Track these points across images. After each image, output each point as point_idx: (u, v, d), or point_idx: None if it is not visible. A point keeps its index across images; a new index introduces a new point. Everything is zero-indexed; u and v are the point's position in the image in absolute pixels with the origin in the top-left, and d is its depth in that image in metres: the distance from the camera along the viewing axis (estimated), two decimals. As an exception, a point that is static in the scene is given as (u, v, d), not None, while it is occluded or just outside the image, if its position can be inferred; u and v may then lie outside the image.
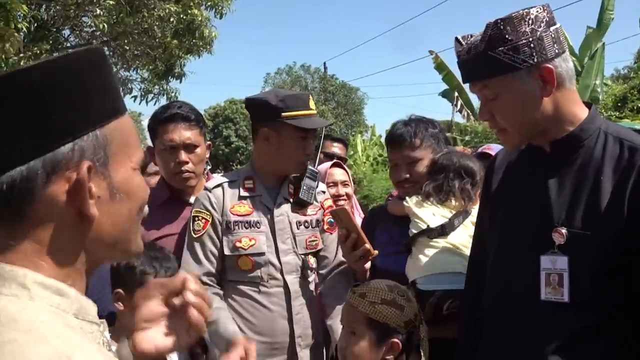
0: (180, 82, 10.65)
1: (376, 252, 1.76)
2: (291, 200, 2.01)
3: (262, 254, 1.91)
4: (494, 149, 2.46)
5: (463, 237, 1.67)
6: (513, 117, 1.29)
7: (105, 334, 0.71)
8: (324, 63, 24.30)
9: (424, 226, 1.72)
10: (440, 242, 1.69)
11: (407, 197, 1.82)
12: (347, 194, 2.74)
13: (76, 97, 0.65)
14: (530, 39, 1.24)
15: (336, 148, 3.71)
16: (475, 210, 1.69)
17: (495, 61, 1.24)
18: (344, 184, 2.77)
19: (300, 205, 2.01)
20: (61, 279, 0.66)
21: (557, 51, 1.26)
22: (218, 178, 2.08)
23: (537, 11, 1.26)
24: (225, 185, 1.98)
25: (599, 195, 1.23)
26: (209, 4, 9.56)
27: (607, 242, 1.20)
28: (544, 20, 1.25)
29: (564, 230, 1.24)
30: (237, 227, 1.92)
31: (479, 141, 10.89)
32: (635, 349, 1.21)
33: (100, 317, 0.71)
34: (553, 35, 1.26)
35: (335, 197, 2.69)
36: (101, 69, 0.70)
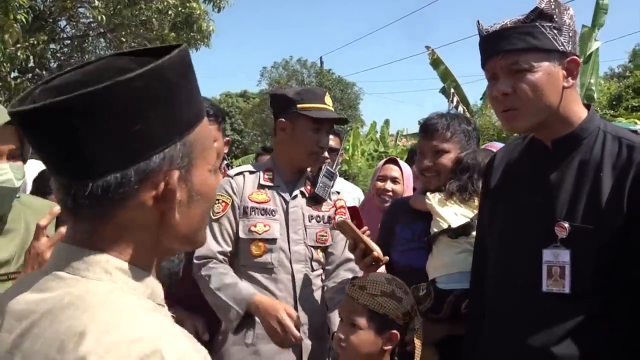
0: (178, 75, 10.62)
1: (386, 258, 1.77)
2: (307, 195, 2.09)
3: (275, 240, 1.98)
4: (496, 146, 2.51)
5: None
6: (535, 96, 1.31)
7: (170, 315, 0.74)
8: (321, 58, 24.34)
9: (445, 225, 1.73)
10: (461, 242, 1.71)
11: (428, 194, 1.83)
12: (393, 191, 2.70)
13: (170, 105, 0.66)
14: (570, 28, 1.32)
15: (330, 140, 3.74)
16: None
17: (540, 34, 1.29)
18: (395, 180, 2.74)
19: (315, 201, 2.09)
20: (138, 266, 0.70)
21: (578, 49, 1.35)
22: (240, 167, 2.18)
23: (572, 10, 1.34)
24: (247, 174, 2.08)
25: (600, 191, 1.29)
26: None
27: (607, 235, 1.26)
28: (574, 20, 1.34)
29: (566, 225, 1.29)
30: (253, 213, 2.00)
31: (475, 138, 10.94)
32: (632, 337, 1.27)
33: None
34: (577, 36, 1.35)
35: (380, 192, 2.72)
36: (189, 73, 0.70)
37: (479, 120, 13.20)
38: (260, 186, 2.05)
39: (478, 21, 1.41)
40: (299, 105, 2.02)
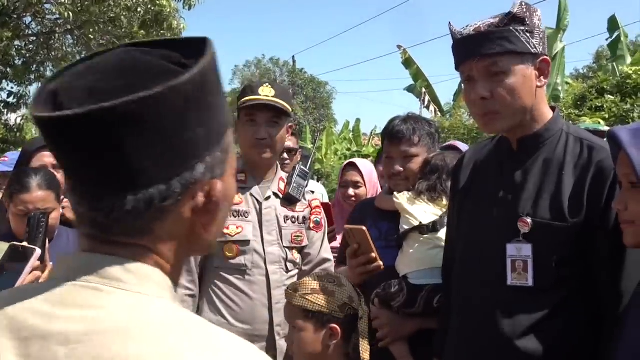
0: (148, 73, 10.48)
1: (383, 267, 1.77)
2: (281, 195, 2.08)
3: (248, 242, 1.98)
4: (459, 143, 2.55)
5: None
6: (512, 99, 1.35)
7: None
8: (293, 57, 24.29)
9: (415, 223, 1.76)
10: (431, 238, 1.74)
11: (396, 193, 1.86)
12: (356, 195, 2.70)
13: (212, 110, 0.62)
14: (540, 30, 1.37)
15: (287, 140, 3.73)
16: None
17: (515, 38, 1.33)
18: (357, 185, 2.73)
19: (289, 201, 2.09)
20: (174, 281, 0.66)
21: (547, 49, 1.41)
22: None
23: (540, 11, 1.39)
24: None
25: (561, 188, 1.35)
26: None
27: (568, 230, 1.32)
28: (542, 20, 1.39)
29: (529, 220, 1.35)
30: None
31: (446, 136, 11.12)
32: (592, 326, 1.32)
33: None
34: (545, 36, 1.41)
35: (345, 198, 2.72)
36: (220, 78, 0.65)
37: (451, 119, 13.40)
38: None
39: (450, 23, 1.45)
40: (238, 103, 2.05)
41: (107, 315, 0.56)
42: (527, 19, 1.34)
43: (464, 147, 2.43)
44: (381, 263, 1.77)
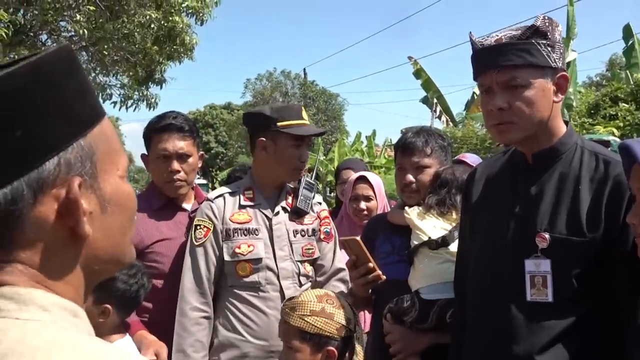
0: (161, 88, 10.63)
1: (384, 277, 1.79)
2: (289, 209, 2.09)
3: (260, 259, 1.98)
4: (468, 157, 2.54)
5: None
6: (530, 112, 1.35)
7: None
8: (304, 69, 24.38)
9: (425, 238, 1.76)
10: (441, 253, 1.73)
11: (407, 208, 1.86)
12: (368, 209, 2.70)
13: (54, 105, 0.59)
14: (560, 45, 1.37)
15: None
16: None
17: (536, 51, 1.33)
18: (368, 198, 2.73)
19: (297, 215, 2.09)
20: (69, 298, 0.61)
21: (565, 66, 1.40)
22: (220, 189, 2.17)
23: (561, 27, 1.39)
24: (227, 195, 2.08)
25: (579, 203, 1.33)
26: (190, 10, 9.56)
27: (586, 245, 1.30)
28: (561, 35, 1.39)
29: (547, 235, 1.33)
30: (236, 234, 2.00)
31: (459, 147, 11.07)
32: (612, 340, 1.30)
33: None
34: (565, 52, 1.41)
35: (356, 212, 2.72)
36: (74, 70, 0.63)
37: (463, 129, 13.34)
38: (241, 206, 2.04)
39: (470, 33, 1.45)
40: (279, 124, 2.02)
41: None
42: (549, 33, 1.34)
43: (473, 159, 2.41)
44: (380, 272, 1.77)
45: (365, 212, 2.69)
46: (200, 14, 9.71)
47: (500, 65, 1.34)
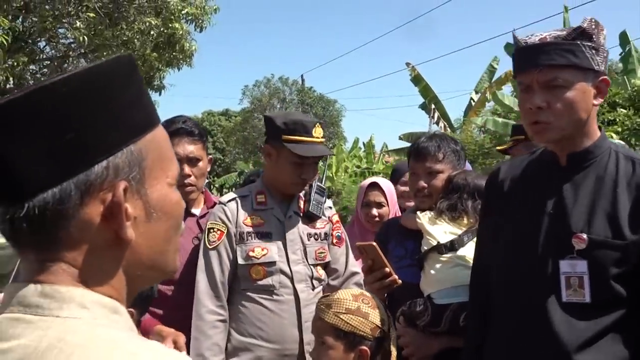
0: (160, 94, 10.63)
1: (400, 282, 1.79)
2: (301, 214, 2.09)
3: (274, 263, 1.98)
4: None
5: (472, 252, 1.72)
6: (569, 113, 1.35)
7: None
8: (302, 75, 24.43)
9: (434, 243, 1.76)
10: (451, 257, 1.73)
11: (419, 213, 1.86)
12: (380, 215, 2.69)
13: (108, 111, 0.61)
14: (604, 49, 1.37)
15: None
16: None
17: (580, 53, 1.33)
18: (380, 205, 2.72)
19: (309, 219, 2.09)
20: (112, 297, 0.63)
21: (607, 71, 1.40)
22: (232, 193, 2.16)
23: (606, 31, 1.38)
24: (239, 199, 2.07)
25: (617, 205, 1.33)
26: (189, 17, 9.59)
27: (625, 248, 1.30)
28: (606, 40, 1.39)
29: (584, 236, 1.33)
30: (250, 238, 2.00)
31: (457, 153, 11.05)
32: None
33: None
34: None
35: (368, 218, 2.71)
36: (132, 79, 0.65)
37: (461, 134, 13.38)
38: (254, 210, 2.04)
39: (514, 30, 1.45)
40: (284, 136, 1.99)
41: (16, 347, 0.55)
42: (594, 36, 1.34)
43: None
44: (396, 277, 1.77)
45: (377, 219, 2.70)
46: (200, 21, 9.75)
47: (543, 64, 1.34)
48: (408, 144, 13.88)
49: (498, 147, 2.57)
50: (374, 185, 2.80)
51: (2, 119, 0.56)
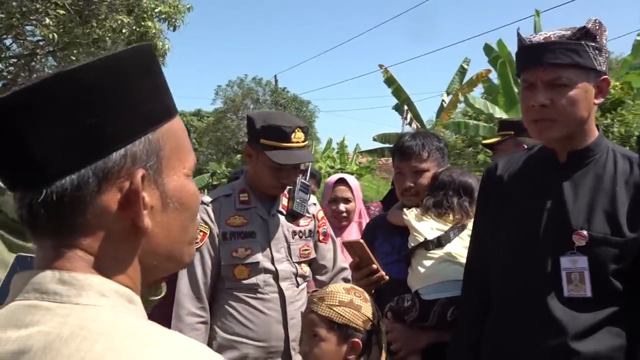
0: (132, 94, 10.43)
1: (387, 278, 1.81)
2: (285, 212, 2.09)
3: (258, 262, 1.98)
4: None
5: (458, 248, 1.76)
6: (572, 109, 1.37)
7: None
8: (275, 76, 24.34)
9: (421, 239, 1.79)
10: (438, 253, 1.76)
11: (405, 210, 1.89)
12: (347, 210, 2.74)
13: (127, 99, 0.61)
14: (606, 50, 1.40)
15: None
16: (470, 223, 1.78)
17: (584, 52, 1.36)
18: (347, 200, 2.78)
19: (293, 217, 2.10)
20: (127, 287, 0.63)
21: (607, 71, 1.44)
22: (214, 192, 2.16)
23: (607, 32, 1.41)
24: (222, 198, 2.06)
25: (616, 203, 1.37)
26: (162, 16, 9.46)
27: (625, 244, 1.34)
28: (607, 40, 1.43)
29: (585, 233, 1.36)
30: (233, 238, 1.99)
31: (430, 153, 11.20)
32: None
33: None
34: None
35: (335, 214, 2.75)
36: (152, 68, 0.65)
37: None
38: (237, 209, 2.03)
39: (518, 29, 1.48)
40: (262, 140, 1.95)
41: (37, 333, 0.55)
42: (598, 37, 1.37)
43: None
44: (384, 273, 1.79)
45: (345, 214, 2.74)
46: (173, 20, 9.63)
47: (547, 62, 1.36)
48: (382, 145, 14.00)
49: (485, 141, 2.63)
50: (341, 181, 2.86)
51: (24, 104, 0.57)
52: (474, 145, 11.47)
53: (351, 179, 2.93)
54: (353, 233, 2.80)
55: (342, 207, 2.77)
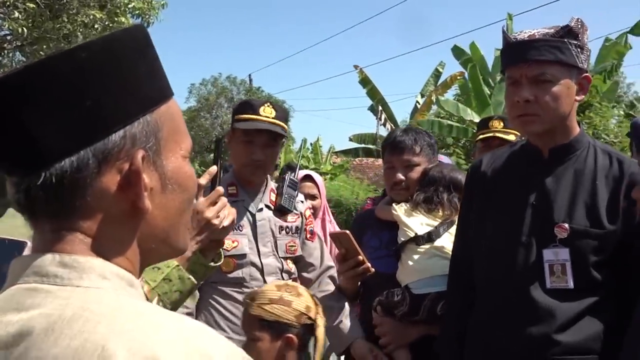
0: (104, 90, 10.23)
1: (373, 270, 1.83)
2: (272, 207, 2.09)
3: (244, 255, 1.97)
4: (442, 158, 2.63)
5: (448, 243, 1.78)
6: (555, 105, 1.42)
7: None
8: (249, 75, 24.15)
9: (411, 234, 1.80)
10: (428, 248, 1.79)
11: (394, 205, 1.90)
12: (313, 207, 2.75)
13: (125, 80, 0.60)
14: (587, 48, 1.45)
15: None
16: None
17: (567, 50, 1.40)
18: (313, 197, 2.80)
19: (280, 212, 2.09)
20: (127, 270, 0.62)
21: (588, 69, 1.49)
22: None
23: (588, 31, 1.46)
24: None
25: (596, 197, 1.43)
26: (136, 12, 9.30)
27: (605, 237, 1.40)
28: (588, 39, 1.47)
29: (567, 226, 1.41)
30: None
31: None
32: (625, 321, 1.39)
33: None
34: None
35: None
36: (147, 49, 0.65)
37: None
38: None
39: (503, 27, 1.52)
40: (235, 117, 2.03)
41: (38, 316, 0.54)
42: (580, 35, 1.42)
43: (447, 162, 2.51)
44: (369, 265, 1.81)
45: (312, 210, 2.78)
46: (147, 16, 9.48)
47: (531, 59, 1.40)
48: (357, 145, 14.08)
49: (481, 136, 2.66)
50: (307, 178, 2.88)
51: (22, 86, 0.56)
52: (445, 146, 11.64)
53: (316, 176, 2.95)
54: (317, 230, 2.81)
55: (309, 203, 2.81)
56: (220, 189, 1.37)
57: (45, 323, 0.53)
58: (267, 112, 2.02)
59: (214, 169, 1.40)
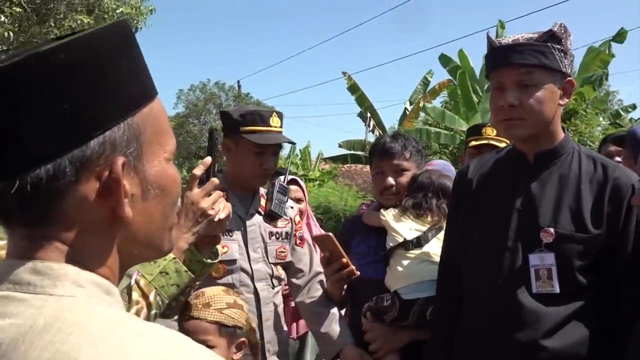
0: (91, 96, 10.17)
1: (358, 272, 1.82)
2: (262, 212, 2.08)
3: (234, 261, 1.96)
4: (434, 164, 2.63)
5: (436, 249, 1.78)
6: (539, 109, 1.42)
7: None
8: (238, 81, 24.14)
9: (400, 239, 1.80)
10: (417, 253, 1.79)
11: (382, 210, 1.90)
12: (299, 211, 2.79)
13: (107, 81, 0.57)
14: (571, 53, 1.46)
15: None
16: None
17: (550, 54, 1.41)
18: (299, 200, 2.83)
19: (270, 218, 2.08)
20: (105, 277, 0.60)
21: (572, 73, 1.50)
22: None
23: (572, 37, 1.47)
24: None
25: (581, 201, 1.44)
26: (124, 17, 9.26)
27: (589, 241, 1.41)
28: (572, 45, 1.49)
29: (552, 230, 1.42)
30: None
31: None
32: (610, 325, 1.42)
33: None
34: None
35: None
36: (130, 47, 0.61)
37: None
38: None
39: (487, 32, 1.53)
40: (242, 128, 1.99)
41: (9, 326, 0.52)
42: (563, 40, 1.44)
43: (442, 166, 2.52)
44: (354, 267, 1.81)
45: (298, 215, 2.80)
46: (135, 22, 9.45)
47: (516, 63, 1.41)
48: (346, 151, 14.11)
49: (474, 143, 2.67)
50: (293, 182, 2.91)
51: None
52: (433, 153, 11.71)
53: (300, 180, 3.02)
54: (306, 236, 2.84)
55: (297, 209, 2.83)
56: (215, 180, 1.35)
57: (16, 334, 0.51)
58: (275, 122, 2.04)
59: (208, 159, 1.38)
